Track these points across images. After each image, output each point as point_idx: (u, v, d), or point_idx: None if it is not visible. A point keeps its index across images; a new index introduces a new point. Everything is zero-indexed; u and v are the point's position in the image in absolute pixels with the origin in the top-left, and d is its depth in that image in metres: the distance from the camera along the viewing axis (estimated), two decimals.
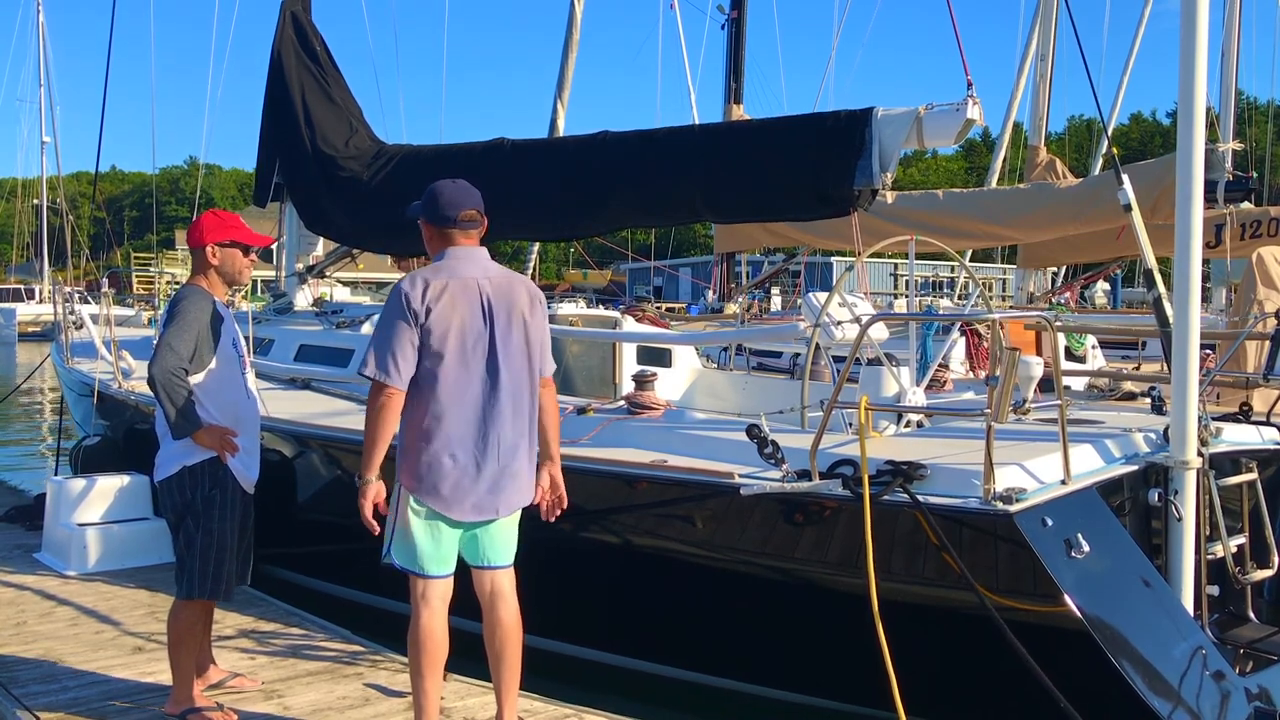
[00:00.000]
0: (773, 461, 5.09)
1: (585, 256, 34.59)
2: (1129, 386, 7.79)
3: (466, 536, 4.33)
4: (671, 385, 9.19)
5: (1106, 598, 4.69)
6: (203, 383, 4.74)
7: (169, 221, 68.93)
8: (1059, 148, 32.93)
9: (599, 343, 9.28)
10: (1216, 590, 5.45)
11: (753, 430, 5.17)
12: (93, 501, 7.58)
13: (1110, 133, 18.38)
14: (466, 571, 4.37)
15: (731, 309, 14.13)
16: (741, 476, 5.23)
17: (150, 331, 11.39)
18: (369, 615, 6.64)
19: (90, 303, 13.46)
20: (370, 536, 4.19)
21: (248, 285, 10.23)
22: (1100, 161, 22.22)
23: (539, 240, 13.06)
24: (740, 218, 9.88)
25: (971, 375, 8.78)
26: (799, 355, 10.84)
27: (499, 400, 4.21)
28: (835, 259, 33.55)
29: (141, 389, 8.07)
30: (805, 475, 5.01)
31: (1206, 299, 12.42)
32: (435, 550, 4.24)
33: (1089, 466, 5.10)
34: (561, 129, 13.38)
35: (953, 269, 32.59)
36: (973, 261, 17.99)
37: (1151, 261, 6.17)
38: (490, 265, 4.35)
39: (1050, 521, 4.67)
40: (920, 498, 4.73)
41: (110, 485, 7.69)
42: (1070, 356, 10.20)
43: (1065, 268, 16.98)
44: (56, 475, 8.81)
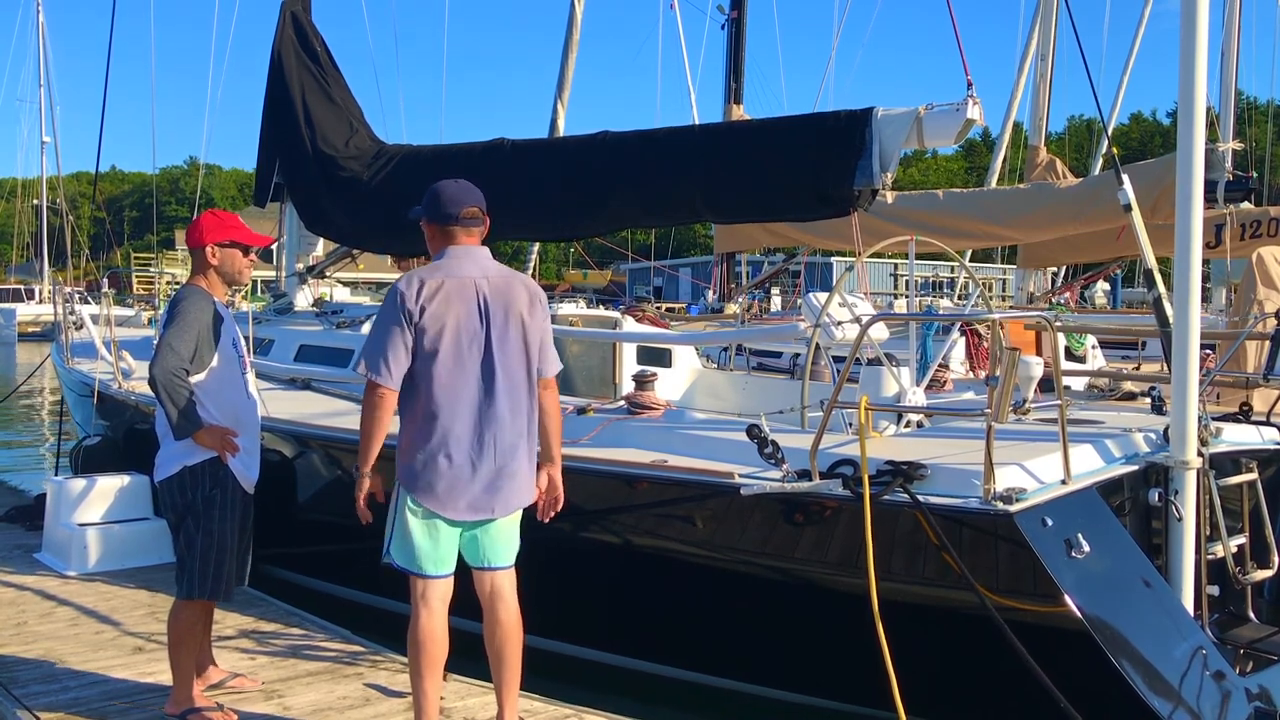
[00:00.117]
0: (773, 461, 5.09)
1: (585, 257, 34.59)
2: (1129, 386, 7.79)
3: (467, 537, 4.33)
4: (671, 385, 9.19)
5: (1107, 598, 4.69)
6: (203, 383, 4.74)
7: (169, 221, 68.89)
8: (1059, 148, 32.94)
9: (599, 343, 9.28)
10: (1216, 590, 5.45)
11: (753, 430, 5.17)
12: (93, 501, 7.58)
13: (1110, 133, 18.39)
14: (467, 572, 4.37)
15: (731, 309, 14.13)
16: (741, 476, 5.23)
17: (150, 332, 11.39)
18: (369, 615, 6.65)
19: (90, 303, 13.44)
20: (370, 536, 4.20)
21: (248, 285, 10.22)
22: (1100, 161, 22.23)
23: (539, 240, 13.06)
24: (740, 218, 9.88)
25: (971, 375, 8.77)
26: (799, 355, 10.84)
27: (495, 400, 4.21)
28: (835, 259, 33.54)
29: (142, 389, 8.07)
30: (805, 475, 5.01)
31: (1206, 299, 12.41)
32: (434, 550, 4.24)
33: (1089, 466, 5.10)
34: (561, 129, 13.37)
35: (953, 269, 32.57)
36: (973, 261, 17.98)
37: (1151, 261, 6.17)
38: (490, 264, 4.35)
39: (1050, 521, 4.67)
40: (920, 498, 4.73)
41: (110, 485, 7.70)
42: (1070, 356, 10.20)
43: (1065, 268, 16.98)
44: (56, 475, 8.81)
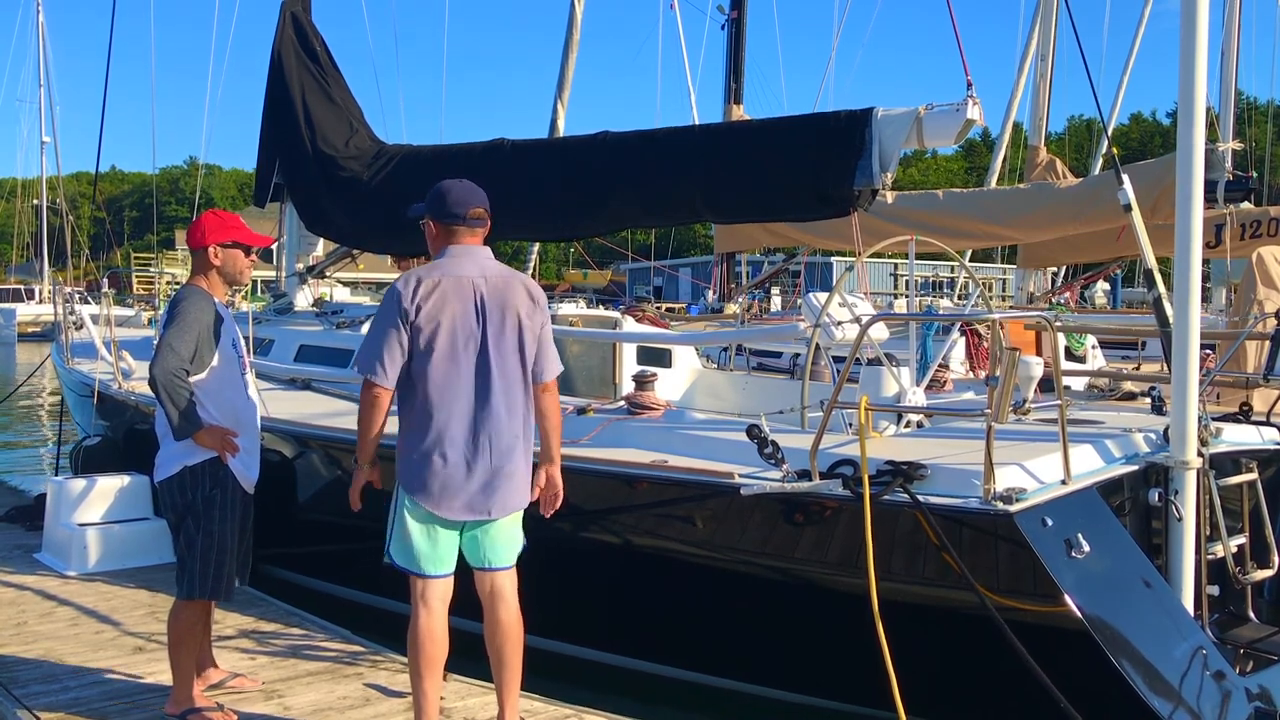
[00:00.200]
0: (773, 461, 5.09)
1: (585, 256, 34.59)
2: (1129, 386, 7.79)
3: (466, 537, 4.33)
4: (671, 385, 9.19)
5: (1107, 598, 4.69)
6: (203, 383, 4.74)
7: (169, 221, 68.88)
8: (1059, 148, 32.95)
9: (599, 343, 9.28)
10: (1216, 590, 5.45)
11: (753, 430, 5.17)
12: (93, 502, 7.58)
13: (1110, 133, 18.39)
14: (467, 572, 4.37)
15: (731, 309, 14.12)
16: (741, 476, 5.23)
17: (150, 332, 11.40)
18: (369, 615, 6.65)
19: (90, 303, 13.44)
20: (370, 536, 4.21)
21: (248, 285, 10.23)
22: (1100, 161, 22.22)
23: (539, 240, 13.07)
24: (740, 218, 9.88)
25: (971, 375, 8.77)
26: (799, 355, 10.84)
27: (491, 400, 4.21)
28: (835, 259, 33.54)
29: (141, 389, 8.07)
30: (805, 475, 5.01)
31: (1206, 299, 12.41)
32: (432, 550, 4.24)
33: (1089, 466, 5.10)
34: (562, 129, 13.37)
35: (953, 269, 32.57)
36: (973, 261, 17.97)
37: (1151, 261, 6.17)
38: (489, 264, 4.35)
39: (1050, 521, 4.67)
40: (920, 498, 4.73)
41: (110, 485, 7.70)
42: (1070, 356, 10.19)
43: (1065, 268, 16.96)
44: (56, 475, 8.81)
